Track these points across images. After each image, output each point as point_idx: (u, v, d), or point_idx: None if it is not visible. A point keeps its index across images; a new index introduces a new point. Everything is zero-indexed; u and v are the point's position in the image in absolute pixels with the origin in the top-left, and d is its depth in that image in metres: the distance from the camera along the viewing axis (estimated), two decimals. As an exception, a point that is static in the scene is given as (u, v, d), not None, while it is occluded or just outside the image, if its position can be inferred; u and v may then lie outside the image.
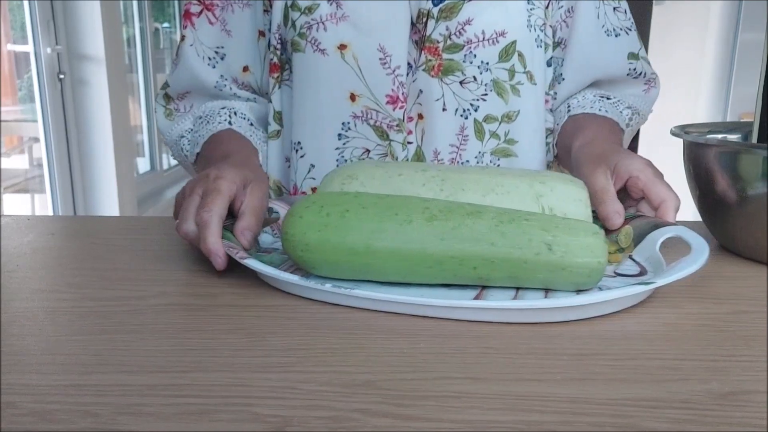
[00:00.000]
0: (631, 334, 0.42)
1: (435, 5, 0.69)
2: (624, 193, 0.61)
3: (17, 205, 2.73)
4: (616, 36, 0.77)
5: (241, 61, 0.76)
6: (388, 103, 0.70)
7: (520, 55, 0.71)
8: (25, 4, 2.38)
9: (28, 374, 0.36)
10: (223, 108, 0.76)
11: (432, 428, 0.31)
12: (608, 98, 0.78)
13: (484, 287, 0.48)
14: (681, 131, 0.62)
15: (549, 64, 0.76)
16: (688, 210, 0.63)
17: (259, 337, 0.41)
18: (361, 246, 0.46)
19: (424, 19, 0.69)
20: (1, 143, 2.65)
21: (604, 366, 0.37)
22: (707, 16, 3.04)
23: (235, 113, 0.76)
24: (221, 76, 0.76)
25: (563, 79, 0.78)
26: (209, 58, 0.76)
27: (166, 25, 3.70)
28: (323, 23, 0.69)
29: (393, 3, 0.69)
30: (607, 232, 0.57)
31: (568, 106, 0.77)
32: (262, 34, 0.75)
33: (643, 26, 0.98)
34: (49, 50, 2.46)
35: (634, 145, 1.09)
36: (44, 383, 0.35)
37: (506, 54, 0.71)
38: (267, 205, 0.58)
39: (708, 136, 0.65)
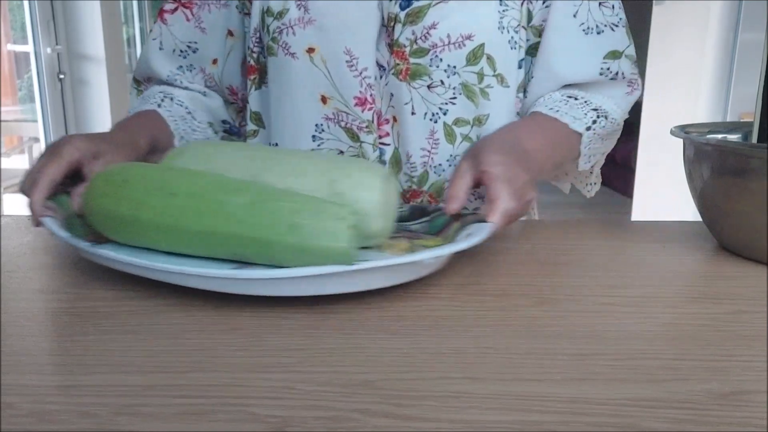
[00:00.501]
0: (631, 334, 0.42)
1: (402, 9, 0.69)
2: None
3: (17, 205, 2.73)
4: (598, 33, 0.74)
5: (212, 54, 0.81)
6: (356, 105, 0.71)
7: (489, 58, 0.71)
8: (25, 4, 2.38)
9: (27, 375, 0.36)
10: (161, 92, 0.80)
11: (431, 428, 0.31)
12: (575, 98, 0.75)
13: (251, 264, 0.49)
14: (681, 131, 0.62)
15: (520, 66, 0.75)
16: (688, 210, 0.63)
17: (258, 337, 0.41)
18: (128, 216, 0.49)
19: (392, 23, 0.70)
20: (1, 143, 2.65)
21: (604, 366, 0.37)
22: (707, 16, 3.04)
23: (171, 99, 0.79)
24: (179, 67, 0.81)
25: (532, 78, 0.76)
26: (181, 51, 0.80)
27: (166, 25, 3.70)
28: (292, 27, 0.71)
29: (360, 5, 0.70)
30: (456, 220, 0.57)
31: (534, 106, 0.76)
32: (230, 33, 0.79)
33: (643, 26, 0.97)
34: (49, 50, 2.46)
35: (634, 145, 1.09)
36: (43, 384, 0.35)
37: (474, 57, 0.70)
38: None
39: (708, 136, 0.65)
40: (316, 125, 0.73)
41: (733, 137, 0.67)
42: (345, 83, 0.71)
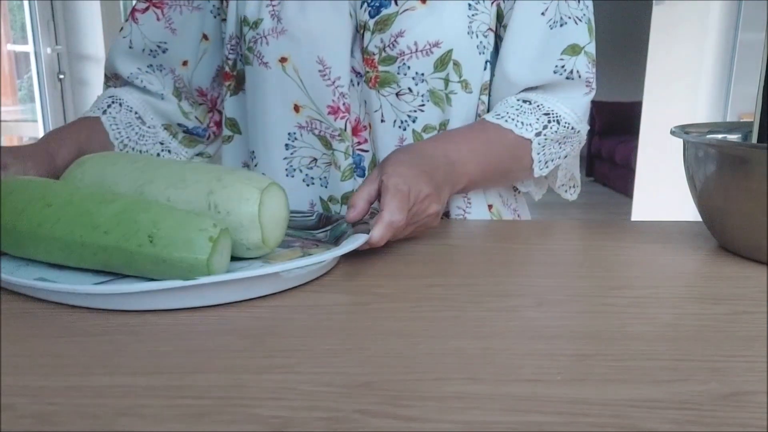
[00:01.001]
0: (631, 334, 0.42)
1: (371, 17, 0.70)
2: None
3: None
4: (561, 26, 0.71)
5: (182, 56, 0.81)
6: (329, 113, 0.71)
7: (456, 63, 0.71)
8: (25, 4, 2.38)
9: (27, 376, 0.36)
10: (110, 97, 0.82)
11: (431, 429, 0.31)
12: (529, 103, 0.73)
13: (123, 276, 0.49)
14: (681, 131, 0.62)
15: (485, 68, 0.73)
16: (688, 210, 0.63)
17: (259, 338, 0.41)
18: (10, 225, 0.50)
19: (362, 31, 0.71)
20: (1, 143, 2.65)
21: (604, 366, 0.37)
22: (707, 16, 3.04)
23: (120, 104, 0.81)
24: (149, 66, 0.82)
25: (491, 83, 0.76)
26: (151, 50, 0.81)
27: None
28: (266, 37, 0.72)
29: (332, 16, 0.70)
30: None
31: (487, 113, 0.75)
32: (205, 37, 0.80)
33: (643, 26, 0.97)
34: (49, 50, 2.46)
35: (634, 145, 1.09)
36: (44, 385, 0.35)
37: (441, 64, 0.70)
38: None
39: (708, 136, 0.65)
40: (289, 134, 0.74)
41: (733, 137, 0.67)
42: (317, 92, 0.71)
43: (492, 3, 0.72)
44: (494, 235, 0.68)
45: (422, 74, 0.70)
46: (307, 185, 0.76)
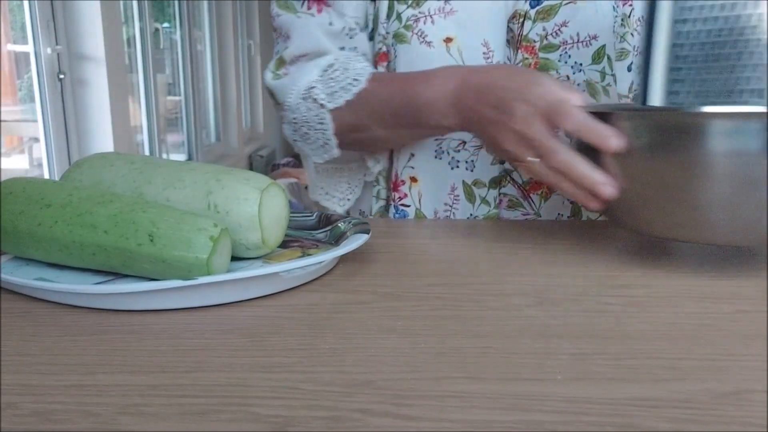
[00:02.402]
0: (631, 333, 0.42)
1: (532, 7, 0.73)
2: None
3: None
4: None
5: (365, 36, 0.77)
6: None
7: (609, 58, 0.74)
8: (25, 4, 2.38)
9: (28, 374, 0.36)
10: (355, 57, 0.75)
11: (432, 428, 0.31)
12: None
13: (123, 275, 0.50)
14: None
15: (629, 69, 0.77)
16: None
17: (259, 337, 0.41)
18: (9, 226, 0.50)
19: (521, 20, 0.73)
20: (1, 143, 2.65)
21: (604, 366, 0.37)
22: (707, 15, 3.03)
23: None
24: (341, 48, 0.77)
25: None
26: (350, 29, 0.76)
27: (166, 25, 3.70)
28: (431, 17, 0.72)
29: (494, 3, 0.72)
30: None
31: None
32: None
33: (642, 26, 0.99)
34: (49, 50, 2.46)
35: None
36: (45, 383, 0.35)
37: (598, 57, 0.74)
38: None
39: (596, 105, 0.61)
40: None
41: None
42: None
43: (624, 4, 0.75)
44: (494, 234, 0.68)
45: (581, 64, 0.73)
46: (452, 168, 0.76)
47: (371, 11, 0.77)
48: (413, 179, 0.78)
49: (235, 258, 0.52)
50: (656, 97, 0.57)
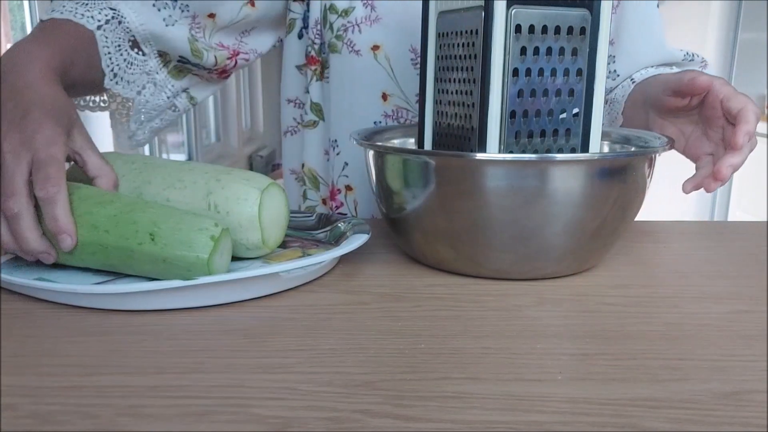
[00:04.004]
0: (632, 334, 0.42)
1: None
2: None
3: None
4: (657, 7, 0.78)
5: (211, 8, 0.71)
6: (417, 101, 0.73)
7: None
8: (25, 4, 2.38)
9: (27, 376, 0.36)
10: (112, 9, 0.66)
11: (432, 428, 0.31)
12: (671, 67, 0.79)
13: (123, 276, 0.50)
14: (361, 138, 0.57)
15: None
16: (688, 210, 0.63)
17: (259, 338, 0.41)
18: None
19: None
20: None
21: (605, 366, 0.37)
22: (707, 16, 3.04)
23: (119, 23, 0.66)
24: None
25: (617, 76, 0.80)
26: None
27: (165, 25, 3.69)
28: (358, 25, 0.73)
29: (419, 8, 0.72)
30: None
31: (632, 80, 0.79)
32: (251, 3, 0.72)
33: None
34: (48, 51, 2.45)
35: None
36: (44, 385, 0.35)
37: None
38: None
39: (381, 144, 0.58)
40: (375, 122, 0.75)
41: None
42: (407, 80, 0.73)
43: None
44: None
45: None
46: None
47: (299, 11, 0.75)
48: (348, 188, 0.79)
49: (235, 258, 0.52)
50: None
